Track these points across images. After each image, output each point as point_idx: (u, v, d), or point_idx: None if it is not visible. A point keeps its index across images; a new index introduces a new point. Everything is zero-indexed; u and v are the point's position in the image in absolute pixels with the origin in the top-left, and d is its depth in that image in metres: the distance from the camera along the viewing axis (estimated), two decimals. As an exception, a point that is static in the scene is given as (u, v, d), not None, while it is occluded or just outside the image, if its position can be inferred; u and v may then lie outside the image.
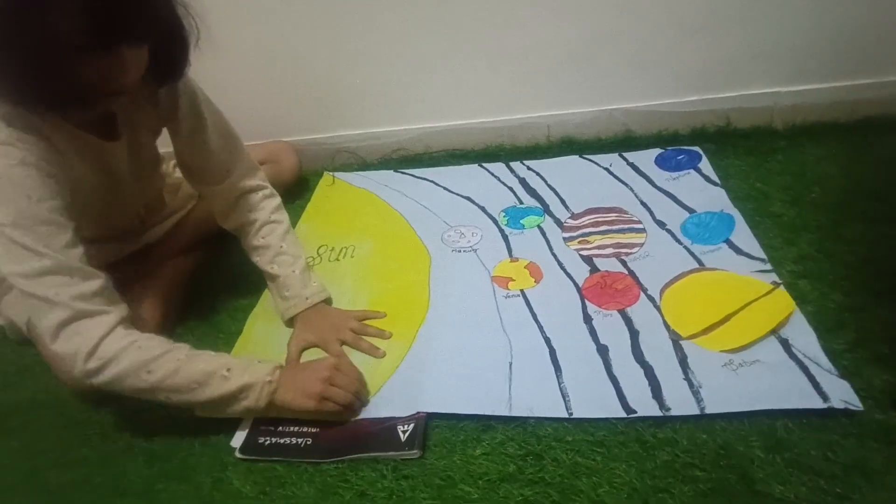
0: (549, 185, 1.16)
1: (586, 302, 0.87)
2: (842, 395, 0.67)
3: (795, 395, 0.68)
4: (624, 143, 1.23)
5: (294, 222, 1.15)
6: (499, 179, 1.20)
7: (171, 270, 1.02)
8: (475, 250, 1.02)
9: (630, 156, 1.18)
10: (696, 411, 0.68)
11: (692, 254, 0.93)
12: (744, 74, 1.16)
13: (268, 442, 0.74)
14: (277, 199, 0.96)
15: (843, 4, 1.06)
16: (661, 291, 0.87)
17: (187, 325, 0.97)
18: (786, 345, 0.75)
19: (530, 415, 0.71)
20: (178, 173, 1.06)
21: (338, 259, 1.07)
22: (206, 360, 0.72)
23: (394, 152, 1.33)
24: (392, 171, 1.28)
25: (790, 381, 0.70)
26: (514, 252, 1.00)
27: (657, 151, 1.18)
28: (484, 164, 1.24)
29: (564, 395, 0.73)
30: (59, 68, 0.59)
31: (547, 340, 0.82)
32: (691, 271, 0.89)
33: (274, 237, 0.92)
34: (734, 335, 0.77)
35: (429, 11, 1.14)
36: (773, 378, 0.71)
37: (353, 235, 1.11)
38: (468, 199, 1.16)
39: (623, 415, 0.70)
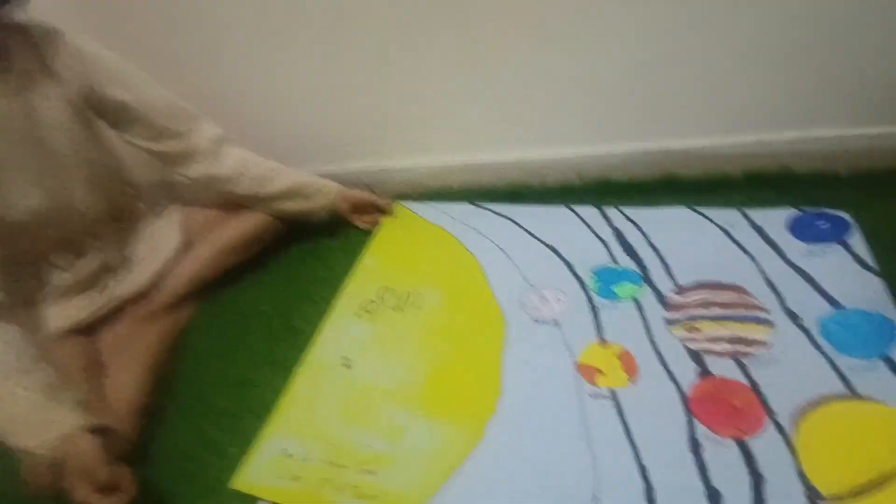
0: (651, 243, 0.98)
1: (693, 420, 0.71)
2: None
3: None
4: (667, 185, 1.08)
5: (343, 256, 1.06)
6: (590, 228, 1.03)
7: (153, 335, 0.85)
8: (558, 324, 0.87)
9: (756, 215, 0.97)
10: None
11: (836, 368, 0.74)
12: (808, 112, 0.98)
13: None
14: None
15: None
16: (796, 420, 0.69)
17: (174, 397, 0.84)
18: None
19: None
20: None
21: (402, 308, 0.95)
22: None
23: (409, 189, 1.21)
24: (469, 204, 1.14)
25: None
26: (605, 332, 0.85)
27: (791, 213, 0.97)
28: (574, 207, 1.08)
29: (661, 561, 0.59)
30: None
31: (642, 470, 0.67)
32: (837, 397, 0.71)
33: (261, 167, 0.94)
34: (898, 509, 0.59)
35: (447, 34, 1.00)
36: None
37: (421, 280, 0.99)
38: (553, 249, 1.00)
39: None
